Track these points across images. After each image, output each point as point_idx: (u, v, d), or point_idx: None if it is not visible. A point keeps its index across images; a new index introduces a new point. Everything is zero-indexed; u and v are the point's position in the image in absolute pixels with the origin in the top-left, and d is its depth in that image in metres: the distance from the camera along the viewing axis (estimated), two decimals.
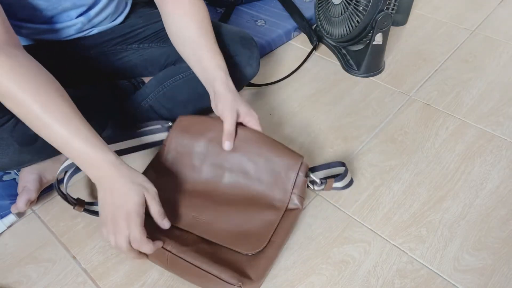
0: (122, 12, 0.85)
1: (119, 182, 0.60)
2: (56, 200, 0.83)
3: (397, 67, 1.13)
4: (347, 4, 1.01)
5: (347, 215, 0.79)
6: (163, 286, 0.69)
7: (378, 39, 1.02)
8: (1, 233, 0.77)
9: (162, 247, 0.64)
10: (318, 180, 0.75)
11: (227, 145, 0.71)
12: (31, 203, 0.78)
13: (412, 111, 1.00)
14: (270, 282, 0.70)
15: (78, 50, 0.82)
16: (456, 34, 1.24)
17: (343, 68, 1.13)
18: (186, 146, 0.75)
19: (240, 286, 0.61)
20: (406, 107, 1.01)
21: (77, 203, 0.74)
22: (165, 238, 0.65)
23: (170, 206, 0.69)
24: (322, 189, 0.77)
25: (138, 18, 0.87)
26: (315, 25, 1.22)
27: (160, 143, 0.79)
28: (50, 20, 0.75)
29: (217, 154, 0.73)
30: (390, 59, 1.16)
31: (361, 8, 0.97)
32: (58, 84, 0.60)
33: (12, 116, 0.67)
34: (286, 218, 0.70)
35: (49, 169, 0.81)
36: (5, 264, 0.73)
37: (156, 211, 0.63)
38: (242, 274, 0.62)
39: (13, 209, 0.76)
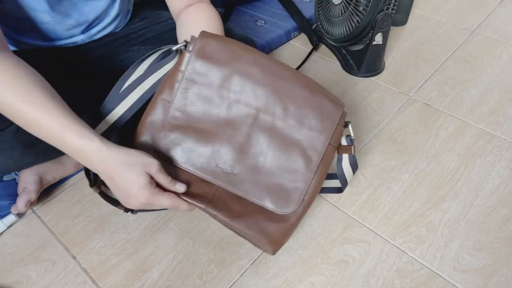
0: (124, 22, 0.86)
1: (118, 171, 0.58)
2: (56, 200, 0.83)
3: (397, 67, 1.13)
4: (347, 4, 1.01)
5: (347, 215, 0.79)
6: (163, 286, 0.69)
7: (378, 39, 1.02)
8: (1, 233, 0.77)
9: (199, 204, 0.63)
10: (352, 134, 0.68)
11: None
12: (31, 204, 0.78)
13: (412, 111, 1.00)
14: (270, 282, 0.70)
15: (79, 52, 0.82)
16: (456, 34, 1.24)
17: (343, 68, 1.13)
18: (206, 75, 0.63)
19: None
20: (406, 107, 1.01)
21: (97, 183, 0.71)
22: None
23: (187, 152, 0.64)
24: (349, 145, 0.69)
25: (140, 21, 0.87)
26: (315, 25, 1.22)
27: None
28: (51, 37, 0.75)
29: (243, 89, 0.63)
30: (390, 59, 1.16)
31: (361, 8, 0.97)
32: (46, 83, 0.60)
33: None
34: (318, 173, 0.65)
35: (50, 171, 0.81)
36: (5, 264, 0.73)
37: (165, 182, 0.61)
38: (268, 235, 0.64)
39: (13, 209, 0.76)
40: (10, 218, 0.77)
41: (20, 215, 0.79)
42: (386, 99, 1.03)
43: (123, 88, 0.65)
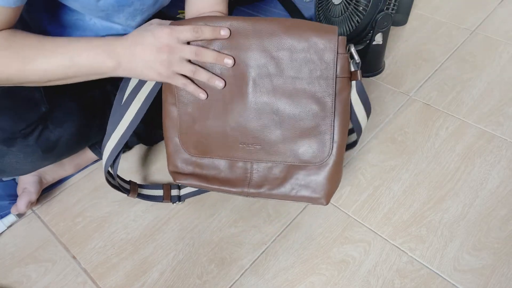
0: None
1: (137, 42, 0.57)
2: (56, 200, 0.83)
3: (397, 67, 1.13)
4: (347, 4, 1.01)
5: (347, 215, 0.79)
6: (163, 286, 0.69)
7: (378, 39, 1.02)
8: (1, 233, 0.77)
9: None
10: (356, 57, 0.62)
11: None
12: (31, 204, 0.78)
13: (412, 111, 1.00)
14: (270, 282, 0.70)
15: None
16: (456, 34, 1.24)
17: None
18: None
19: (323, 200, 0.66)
20: (406, 107, 1.01)
21: (130, 189, 0.75)
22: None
23: (209, 140, 0.66)
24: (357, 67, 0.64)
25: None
26: None
27: None
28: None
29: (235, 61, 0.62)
30: (390, 59, 1.16)
31: (361, 8, 0.97)
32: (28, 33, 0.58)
33: (38, 124, 0.68)
34: (338, 110, 0.63)
35: (49, 171, 0.82)
36: (5, 264, 0.73)
37: (189, 29, 0.58)
38: (314, 188, 0.66)
39: (13, 210, 0.76)
40: (10, 218, 0.77)
41: (20, 215, 0.79)
42: (386, 99, 1.03)
43: (123, 101, 0.66)
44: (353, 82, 0.64)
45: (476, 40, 1.22)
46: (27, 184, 0.78)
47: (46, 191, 0.84)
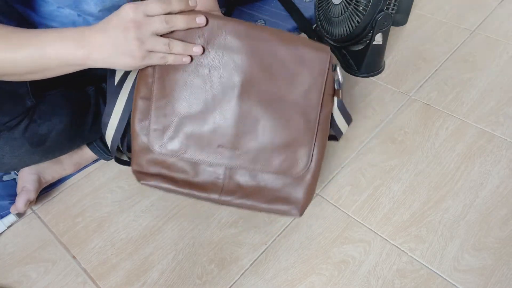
0: None
1: (104, 28, 0.54)
2: (56, 200, 0.83)
3: (397, 67, 1.13)
4: (347, 4, 1.01)
5: (347, 215, 0.79)
6: (163, 286, 0.69)
7: (378, 39, 1.02)
8: (1, 233, 0.77)
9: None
10: (340, 76, 0.64)
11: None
12: (31, 203, 0.78)
13: (412, 111, 1.00)
14: (270, 282, 0.70)
15: None
16: (456, 34, 1.24)
17: (343, 68, 1.13)
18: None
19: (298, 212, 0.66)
20: (406, 107, 1.01)
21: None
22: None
23: (184, 140, 0.63)
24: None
25: None
26: (315, 25, 1.22)
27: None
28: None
29: (221, 63, 0.60)
30: (390, 59, 1.16)
31: (361, 8, 0.97)
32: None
33: (24, 117, 0.67)
34: (321, 126, 0.64)
35: (49, 170, 0.81)
36: (5, 264, 0.73)
37: (156, 1, 0.54)
38: (291, 200, 0.66)
39: (13, 209, 0.76)
40: (10, 218, 0.77)
41: (20, 215, 0.79)
42: (386, 99, 1.03)
43: (114, 86, 0.64)
44: (335, 99, 0.65)
45: (476, 40, 1.22)
46: (26, 182, 0.78)
47: (46, 191, 0.84)
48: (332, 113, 0.66)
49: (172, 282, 0.70)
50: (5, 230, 0.78)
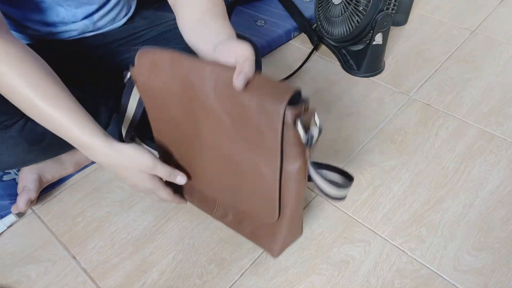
0: (126, 15, 0.86)
1: (119, 169, 0.62)
2: (56, 200, 0.83)
3: (397, 67, 1.13)
4: (347, 4, 1.02)
5: (347, 215, 0.79)
6: (163, 286, 0.69)
7: (378, 39, 1.02)
8: (1, 233, 0.77)
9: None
10: (317, 123, 0.54)
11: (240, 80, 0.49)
12: (31, 203, 0.78)
13: (412, 111, 1.00)
14: (270, 282, 0.70)
15: (82, 49, 0.82)
16: (456, 34, 1.24)
17: (343, 68, 1.13)
18: (160, 90, 0.60)
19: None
20: (406, 107, 1.01)
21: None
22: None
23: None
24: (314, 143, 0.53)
25: (142, 20, 0.87)
26: (315, 25, 1.22)
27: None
28: (54, 21, 0.75)
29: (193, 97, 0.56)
30: (390, 59, 1.16)
31: (361, 8, 0.97)
32: (53, 72, 0.60)
33: (22, 116, 0.67)
34: (286, 178, 0.56)
35: (49, 169, 0.81)
36: (5, 264, 0.73)
37: (164, 175, 0.64)
38: (264, 238, 0.68)
39: (13, 209, 0.76)
40: (10, 218, 0.77)
41: (20, 215, 0.79)
42: (386, 99, 1.03)
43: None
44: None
45: (476, 40, 1.22)
46: (27, 182, 0.78)
47: (46, 190, 0.84)
48: (309, 172, 0.56)
49: (172, 282, 0.70)
50: (5, 230, 0.78)
